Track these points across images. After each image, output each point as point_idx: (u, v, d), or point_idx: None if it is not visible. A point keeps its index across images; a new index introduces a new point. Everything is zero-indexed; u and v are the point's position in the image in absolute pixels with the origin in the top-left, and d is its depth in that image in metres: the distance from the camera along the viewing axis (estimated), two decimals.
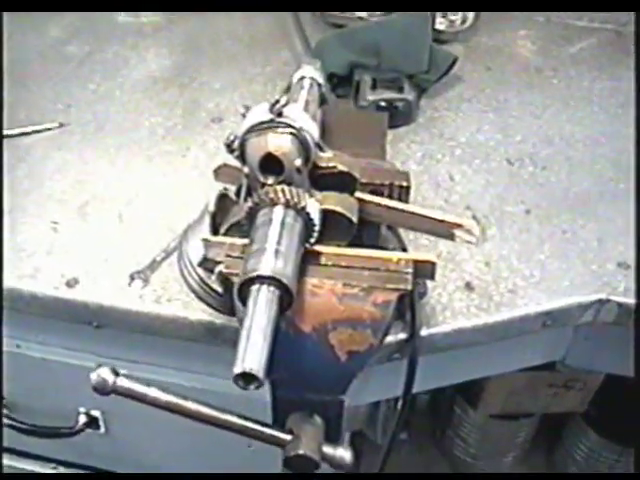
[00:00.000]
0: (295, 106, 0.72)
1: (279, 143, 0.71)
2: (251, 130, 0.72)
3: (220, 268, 0.78)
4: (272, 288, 0.65)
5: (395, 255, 0.77)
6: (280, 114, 0.71)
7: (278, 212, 0.70)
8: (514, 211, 1.25)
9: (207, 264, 0.80)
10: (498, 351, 1.17)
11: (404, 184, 0.85)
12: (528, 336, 1.15)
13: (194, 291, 0.86)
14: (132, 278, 1.08)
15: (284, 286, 0.66)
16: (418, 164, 1.32)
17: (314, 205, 0.72)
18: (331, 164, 0.77)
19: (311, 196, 0.72)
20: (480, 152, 1.36)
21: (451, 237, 0.88)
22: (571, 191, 1.30)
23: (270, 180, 0.72)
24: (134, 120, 1.37)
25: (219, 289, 0.82)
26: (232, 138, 0.74)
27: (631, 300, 1.12)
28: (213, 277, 0.81)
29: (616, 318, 1.14)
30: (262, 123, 0.71)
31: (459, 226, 0.87)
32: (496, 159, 1.35)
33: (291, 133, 0.71)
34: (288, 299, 0.66)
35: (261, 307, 0.64)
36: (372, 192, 0.85)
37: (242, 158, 0.74)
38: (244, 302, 0.66)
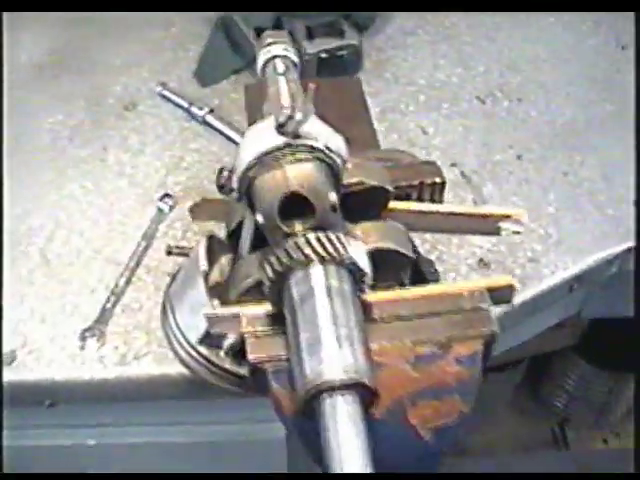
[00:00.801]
0: (314, 119, 0.50)
1: (304, 177, 0.50)
2: (259, 163, 0.50)
3: (229, 343, 0.58)
4: (351, 396, 0.46)
5: (465, 286, 0.58)
6: (297, 135, 0.49)
7: (318, 275, 0.50)
8: (504, 159, 1.08)
9: (212, 340, 0.60)
10: (519, 324, 1.02)
11: (437, 180, 0.66)
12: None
13: (195, 371, 0.64)
14: (83, 338, 0.85)
15: (365, 387, 0.47)
16: (381, 121, 1.12)
17: (359, 249, 0.52)
18: (355, 179, 0.56)
19: (351, 236, 0.52)
20: (446, 93, 1.18)
21: (497, 231, 0.70)
22: (556, 123, 1.14)
23: (298, 227, 0.51)
24: (29, 124, 1.10)
25: (237, 370, 0.61)
26: (226, 175, 0.52)
27: None
28: (222, 354, 0.60)
29: None
30: (275, 151, 0.50)
31: (507, 217, 0.69)
32: (465, 98, 1.17)
33: (317, 158, 0.50)
34: (370, 397, 0.47)
35: (345, 431, 0.44)
36: (397, 197, 0.65)
37: (249, 202, 0.53)
38: (310, 416, 0.47)
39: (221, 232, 0.72)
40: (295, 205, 0.51)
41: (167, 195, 0.99)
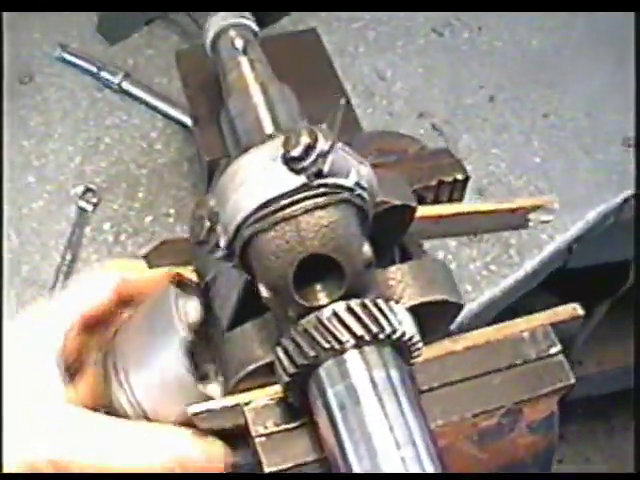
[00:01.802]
0: (340, 147, 0.34)
1: (327, 230, 0.35)
2: (260, 217, 0.34)
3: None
4: None
5: (523, 324, 0.45)
6: (319, 173, 0.33)
7: (357, 366, 0.36)
8: (476, 102, 0.94)
9: None
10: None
11: (459, 177, 0.52)
12: None
13: None
14: None
15: None
16: None
17: (402, 312, 0.38)
18: (379, 198, 0.41)
19: (388, 299, 0.37)
20: (397, 28, 1.01)
21: (525, 225, 0.57)
22: (525, 55, 1.00)
23: (322, 299, 0.36)
24: None
25: None
26: (208, 226, 0.36)
27: None
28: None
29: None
30: (286, 196, 0.33)
31: (537, 208, 0.56)
32: (420, 32, 1.01)
33: (342, 201, 0.35)
34: None
35: None
36: None
37: (244, 265, 0.37)
38: None
39: None
40: (317, 271, 0.36)
41: (88, 190, 0.82)
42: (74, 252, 0.77)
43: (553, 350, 0.45)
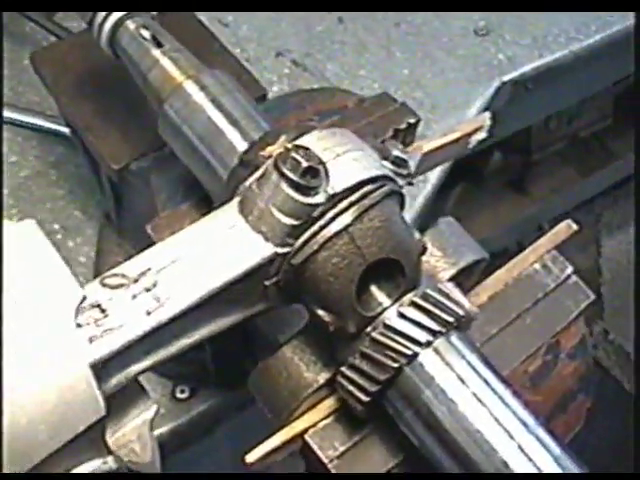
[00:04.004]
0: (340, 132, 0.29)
1: (382, 233, 0.31)
2: (302, 243, 0.30)
3: None
4: None
5: (531, 255, 0.44)
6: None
7: (440, 369, 0.33)
8: (328, 28, 0.91)
9: None
10: None
11: (411, 121, 0.50)
12: None
13: None
14: None
15: None
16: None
17: (454, 290, 0.35)
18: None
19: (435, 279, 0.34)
20: None
21: (465, 150, 0.57)
22: None
23: (384, 302, 0.32)
24: None
25: None
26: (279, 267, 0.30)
27: (525, 68, 0.91)
28: None
29: (511, 96, 0.93)
30: (316, 219, 0.29)
31: (477, 130, 0.56)
32: None
33: (384, 195, 0.31)
34: None
35: None
36: None
37: (289, 298, 0.32)
38: None
39: None
40: (374, 276, 0.33)
41: None
42: None
43: (567, 272, 0.45)
